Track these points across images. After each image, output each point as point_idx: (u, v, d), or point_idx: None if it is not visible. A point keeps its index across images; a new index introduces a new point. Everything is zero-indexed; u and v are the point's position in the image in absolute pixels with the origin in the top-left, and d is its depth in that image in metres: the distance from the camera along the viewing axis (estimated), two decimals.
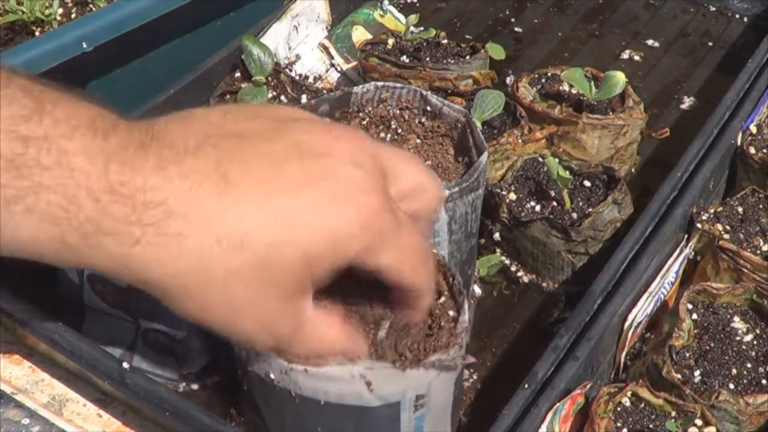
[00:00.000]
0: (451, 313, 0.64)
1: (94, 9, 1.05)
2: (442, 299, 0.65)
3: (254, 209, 0.47)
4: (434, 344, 0.62)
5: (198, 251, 0.47)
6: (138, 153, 0.46)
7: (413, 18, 1.07)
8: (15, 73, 0.46)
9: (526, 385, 0.64)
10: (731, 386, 0.71)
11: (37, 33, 1.03)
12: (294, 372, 0.58)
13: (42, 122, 0.44)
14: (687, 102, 1.13)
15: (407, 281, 0.54)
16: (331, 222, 0.48)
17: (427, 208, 0.57)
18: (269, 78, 1.02)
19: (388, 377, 0.59)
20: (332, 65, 1.13)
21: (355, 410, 0.60)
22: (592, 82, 0.95)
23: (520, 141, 0.91)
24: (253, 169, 0.48)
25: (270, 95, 1.00)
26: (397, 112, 0.82)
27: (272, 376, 0.60)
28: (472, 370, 0.79)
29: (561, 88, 0.99)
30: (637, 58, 1.19)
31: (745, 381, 0.71)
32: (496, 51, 1.04)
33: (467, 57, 1.02)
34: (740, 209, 0.86)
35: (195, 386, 0.75)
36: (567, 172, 0.85)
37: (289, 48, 1.10)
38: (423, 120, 0.82)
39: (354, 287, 0.60)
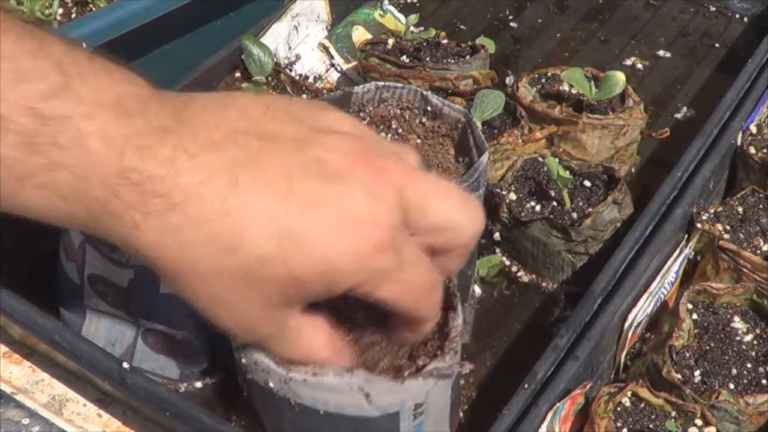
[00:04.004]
0: (444, 316, 0.63)
1: (94, 9, 1.05)
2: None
3: (254, 219, 0.47)
4: (430, 351, 0.61)
5: (191, 246, 0.47)
6: (157, 139, 0.46)
7: (413, 18, 1.07)
8: (51, 41, 0.46)
9: (526, 385, 0.64)
10: (731, 386, 0.71)
11: None
12: (293, 381, 0.58)
13: (66, 99, 0.44)
14: (687, 102, 1.13)
15: (408, 312, 0.53)
16: (327, 252, 0.47)
17: (453, 245, 0.53)
18: (269, 78, 1.02)
19: (387, 389, 0.58)
20: (332, 65, 1.13)
21: (355, 420, 0.60)
22: (592, 82, 0.95)
23: (520, 141, 0.91)
24: (265, 179, 0.47)
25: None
26: (398, 112, 0.82)
27: (271, 384, 0.60)
28: (471, 370, 0.79)
29: (561, 88, 0.99)
30: (637, 58, 1.19)
31: (745, 381, 0.71)
32: (487, 45, 1.04)
33: (467, 57, 1.02)
34: (740, 209, 0.86)
35: (195, 386, 0.75)
36: (567, 172, 0.85)
37: (289, 48, 1.10)
38: (423, 120, 0.82)
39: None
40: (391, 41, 1.05)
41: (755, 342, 0.75)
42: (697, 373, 0.72)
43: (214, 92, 0.51)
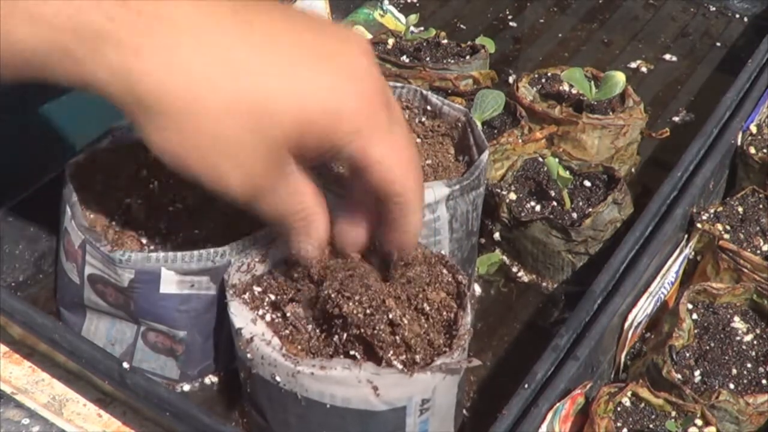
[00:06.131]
0: (453, 313, 0.63)
1: None
2: (443, 295, 0.64)
3: (268, 59, 0.47)
4: (438, 346, 0.61)
5: (201, 80, 0.45)
6: None
7: (413, 18, 1.07)
8: None
9: (526, 385, 0.64)
10: (731, 386, 0.71)
11: None
12: (301, 375, 0.58)
13: None
14: (687, 102, 1.13)
15: (396, 181, 0.53)
16: (337, 94, 0.49)
17: None
18: None
19: (395, 382, 0.58)
20: None
21: (361, 414, 0.60)
22: (592, 82, 0.95)
23: (520, 141, 0.91)
24: (277, 26, 0.48)
25: None
26: None
27: (278, 378, 0.60)
28: (472, 370, 0.79)
29: (561, 88, 0.99)
30: (642, 61, 1.19)
31: (745, 381, 0.71)
32: (487, 44, 1.04)
33: (467, 57, 1.02)
34: (740, 209, 0.86)
35: (195, 386, 0.75)
36: (567, 172, 0.85)
37: None
38: (423, 119, 0.82)
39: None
40: (391, 41, 1.05)
41: (755, 342, 0.75)
42: (697, 373, 0.72)
43: None
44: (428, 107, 0.82)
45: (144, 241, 0.73)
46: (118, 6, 0.44)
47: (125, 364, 0.63)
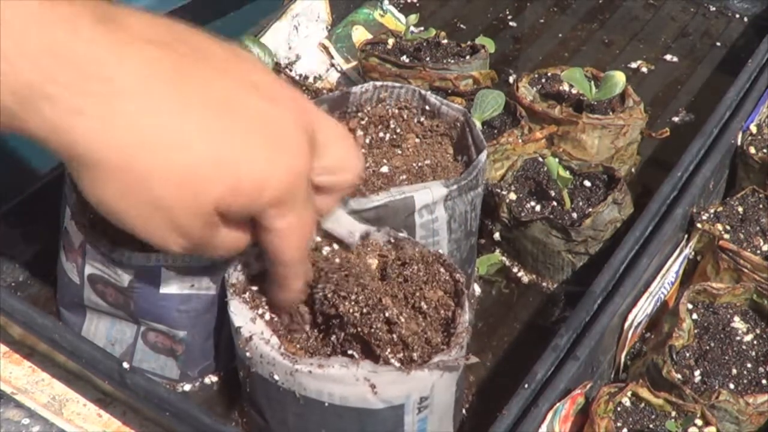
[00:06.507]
0: (451, 312, 0.63)
1: None
2: (440, 294, 0.65)
3: (204, 122, 0.48)
4: (435, 344, 0.61)
5: (141, 139, 0.46)
6: (94, 26, 0.45)
7: (413, 18, 1.07)
8: None
9: (526, 385, 0.64)
10: (731, 386, 0.71)
11: None
12: (299, 373, 0.59)
13: None
14: (687, 102, 1.13)
15: (286, 253, 0.56)
16: (266, 164, 0.50)
17: (341, 185, 0.59)
18: None
19: (393, 380, 0.58)
20: (332, 65, 1.13)
21: (359, 412, 0.60)
22: (592, 82, 0.95)
23: (520, 141, 0.91)
24: (215, 86, 0.49)
25: None
26: (396, 111, 0.82)
27: (276, 377, 0.60)
28: (472, 370, 0.79)
29: (561, 88, 0.99)
30: (643, 62, 1.19)
31: (745, 381, 0.71)
32: (487, 44, 1.04)
33: (467, 57, 1.02)
34: (740, 209, 0.86)
35: (195, 386, 0.75)
36: (567, 172, 0.85)
37: (289, 48, 1.10)
38: (422, 119, 0.82)
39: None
40: (391, 41, 1.05)
41: (755, 342, 0.75)
42: (697, 373, 0.72)
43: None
44: (427, 107, 0.81)
45: (144, 241, 0.73)
46: (59, 66, 0.44)
47: (125, 364, 0.63)
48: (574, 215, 0.86)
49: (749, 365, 0.73)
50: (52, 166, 0.82)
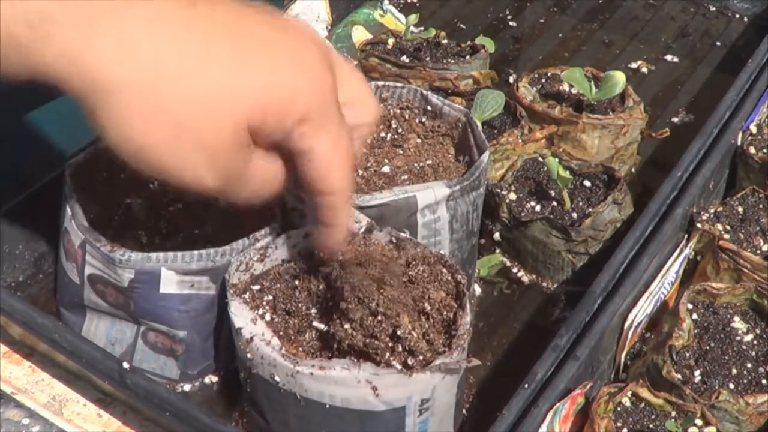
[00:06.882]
0: (453, 313, 0.63)
1: None
2: (443, 295, 0.64)
3: (227, 46, 0.48)
4: (437, 346, 0.61)
5: (162, 63, 0.46)
6: None
7: (413, 18, 1.07)
8: None
9: (526, 385, 0.64)
10: (731, 386, 0.71)
11: None
12: (300, 375, 0.58)
13: None
14: (687, 102, 1.13)
15: (330, 177, 0.54)
16: (292, 79, 0.50)
17: (361, 124, 0.59)
18: None
19: (394, 382, 0.58)
20: None
21: (361, 414, 0.60)
22: (592, 82, 0.95)
23: (520, 141, 0.91)
24: (231, 16, 0.50)
25: None
26: (398, 111, 0.82)
27: (277, 378, 0.60)
28: (472, 370, 0.79)
29: (561, 88, 0.99)
30: (644, 62, 1.19)
31: (745, 381, 0.71)
32: (487, 44, 1.04)
33: (467, 57, 1.02)
34: (740, 209, 0.86)
35: (195, 386, 0.75)
36: (567, 172, 0.85)
37: None
38: (423, 119, 0.82)
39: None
40: (391, 41, 1.05)
41: (755, 342, 0.75)
42: (697, 373, 0.72)
43: None
44: (428, 107, 0.81)
45: (144, 241, 0.73)
46: None
47: (125, 364, 0.63)
48: (574, 215, 0.86)
49: (749, 365, 0.73)
50: (52, 166, 0.82)
